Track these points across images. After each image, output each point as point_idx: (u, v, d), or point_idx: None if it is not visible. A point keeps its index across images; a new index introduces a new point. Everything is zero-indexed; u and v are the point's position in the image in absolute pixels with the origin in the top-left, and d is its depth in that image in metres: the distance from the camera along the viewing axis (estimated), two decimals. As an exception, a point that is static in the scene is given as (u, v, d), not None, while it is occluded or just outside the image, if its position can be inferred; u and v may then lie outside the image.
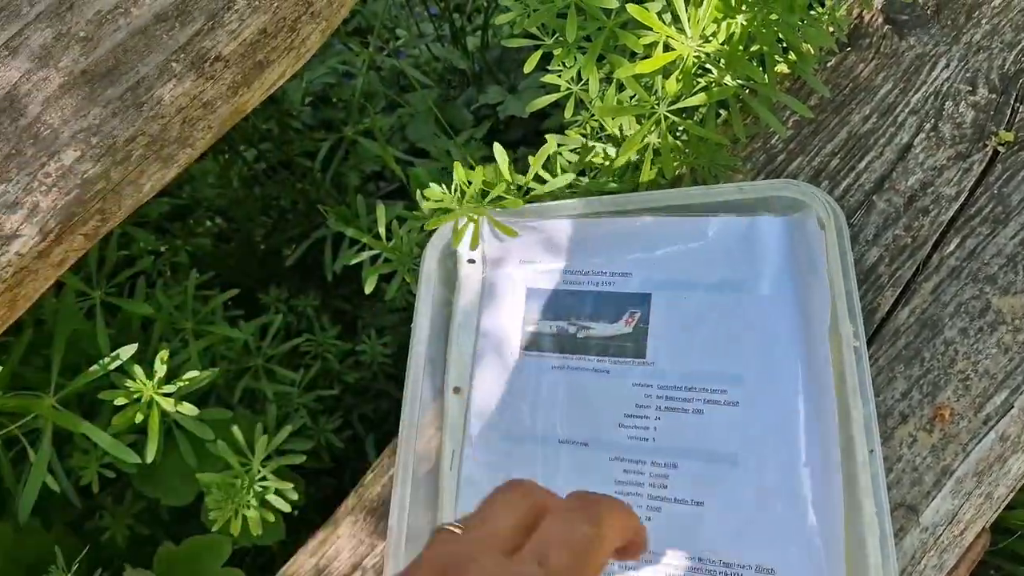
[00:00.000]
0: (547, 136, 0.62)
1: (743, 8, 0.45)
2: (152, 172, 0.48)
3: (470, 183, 0.56)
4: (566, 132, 0.74)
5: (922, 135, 0.62)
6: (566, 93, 0.67)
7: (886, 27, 0.68)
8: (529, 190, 0.62)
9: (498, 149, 0.60)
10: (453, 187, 0.57)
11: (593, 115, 0.71)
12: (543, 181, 0.62)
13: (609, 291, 0.54)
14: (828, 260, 0.48)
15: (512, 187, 0.59)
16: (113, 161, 0.46)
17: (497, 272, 0.54)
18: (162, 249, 0.77)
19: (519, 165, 0.69)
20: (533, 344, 0.53)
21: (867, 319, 0.56)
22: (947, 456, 0.53)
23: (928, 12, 0.68)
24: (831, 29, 0.63)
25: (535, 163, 0.57)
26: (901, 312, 0.57)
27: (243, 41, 0.47)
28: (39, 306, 0.55)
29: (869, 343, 0.55)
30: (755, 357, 0.48)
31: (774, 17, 0.45)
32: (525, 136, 0.94)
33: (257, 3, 0.47)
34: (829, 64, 0.68)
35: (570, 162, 0.71)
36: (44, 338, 0.59)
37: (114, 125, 0.45)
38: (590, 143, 0.71)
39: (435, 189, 0.56)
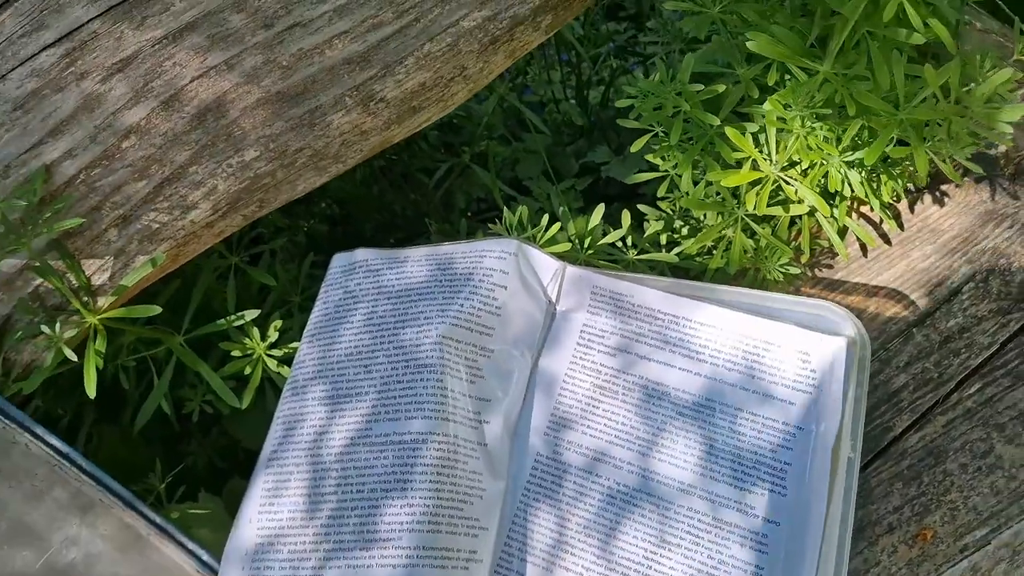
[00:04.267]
0: (626, 209, 0.70)
1: (822, 154, 0.53)
2: (307, 177, 0.59)
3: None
4: (657, 202, 0.83)
5: (971, 284, 0.68)
6: (663, 174, 0.76)
7: (964, 178, 0.74)
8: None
9: (597, 211, 0.69)
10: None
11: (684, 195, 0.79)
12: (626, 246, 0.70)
13: None
14: (848, 381, 0.55)
15: (582, 249, 0.68)
16: (281, 164, 0.57)
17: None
18: (285, 228, 0.89)
19: (609, 220, 0.77)
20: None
21: (879, 436, 0.62)
22: (920, 572, 0.59)
23: (1006, 172, 0.74)
24: (907, 179, 0.70)
25: (612, 236, 0.65)
26: (912, 436, 0.63)
27: (405, 90, 0.57)
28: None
29: (875, 457, 0.62)
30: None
31: (852, 168, 0.53)
32: (622, 194, 1.02)
33: (423, 63, 0.57)
34: (904, 202, 0.74)
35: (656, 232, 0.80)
36: (182, 289, 0.70)
37: (289, 137, 0.56)
38: (675, 220, 0.80)
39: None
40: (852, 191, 0.57)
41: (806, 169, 0.60)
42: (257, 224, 0.86)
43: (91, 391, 0.54)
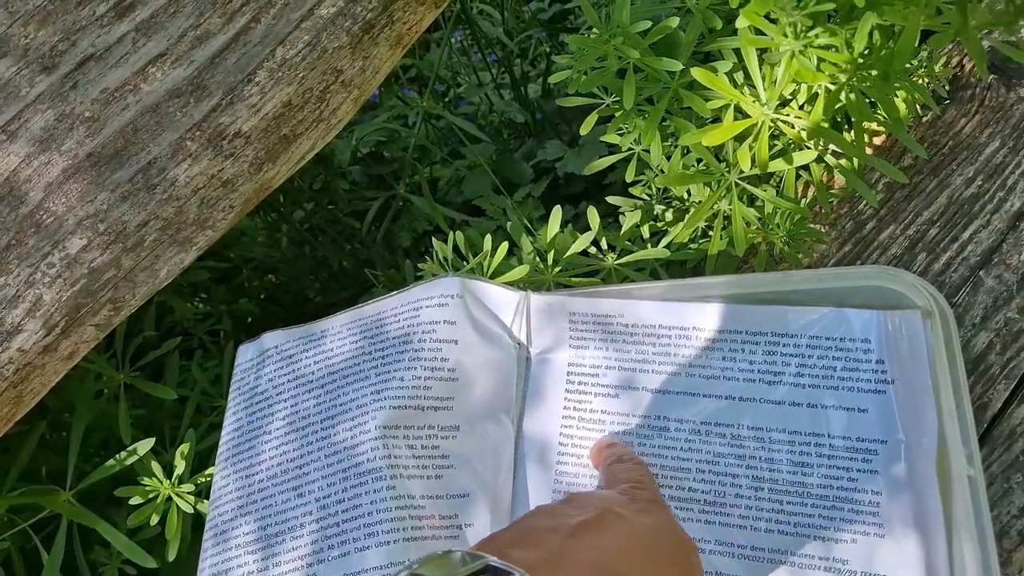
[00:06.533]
0: (591, 206, 0.56)
1: (830, 73, 0.38)
2: (168, 257, 0.44)
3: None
4: (630, 190, 0.69)
5: (1037, 201, 0.54)
6: (628, 154, 0.62)
7: (991, 77, 0.60)
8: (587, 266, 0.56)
9: (555, 216, 0.55)
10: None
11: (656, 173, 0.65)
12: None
13: None
14: (935, 369, 0.40)
15: (547, 267, 0.53)
16: (123, 248, 0.42)
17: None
18: (202, 315, 0.74)
19: (579, 223, 0.63)
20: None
21: (976, 417, 0.48)
22: (1079, 590, 0.44)
23: (1040, 59, 0.60)
24: (928, 82, 0.56)
25: (579, 243, 0.51)
26: (1017, 410, 0.49)
27: (265, 115, 0.43)
28: (60, 388, 0.52)
29: (979, 445, 0.48)
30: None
31: (867, 84, 0.39)
32: (587, 190, 0.88)
33: (280, 74, 0.42)
34: (925, 119, 0.60)
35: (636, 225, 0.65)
36: (65, 418, 0.55)
37: (123, 210, 0.42)
38: (655, 206, 0.65)
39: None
40: (878, 113, 0.43)
41: (805, 102, 0.46)
42: (163, 316, 0.72)
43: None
